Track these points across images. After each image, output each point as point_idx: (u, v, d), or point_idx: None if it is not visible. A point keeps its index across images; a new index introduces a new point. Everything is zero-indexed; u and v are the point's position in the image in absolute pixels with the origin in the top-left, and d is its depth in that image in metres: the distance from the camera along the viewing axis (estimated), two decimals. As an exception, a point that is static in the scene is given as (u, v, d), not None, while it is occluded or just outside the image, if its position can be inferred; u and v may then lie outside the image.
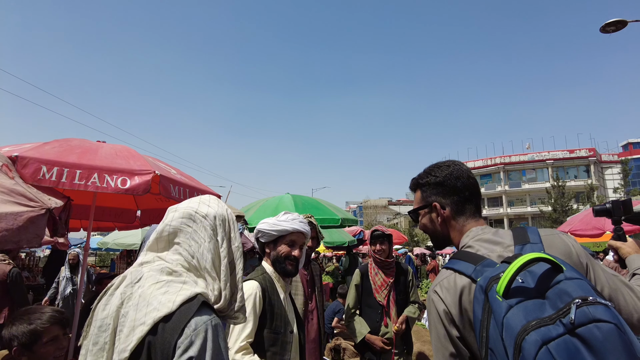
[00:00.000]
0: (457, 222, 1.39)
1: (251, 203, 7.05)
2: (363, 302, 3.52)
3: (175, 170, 3.94)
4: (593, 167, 48.30)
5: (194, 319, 1.07)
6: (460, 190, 1.40)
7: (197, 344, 1.05)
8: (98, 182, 2.97)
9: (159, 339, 1.05)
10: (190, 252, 1.23)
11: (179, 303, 1.09)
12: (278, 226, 2.11)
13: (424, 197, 1.47)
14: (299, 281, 3.19)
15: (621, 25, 9.87)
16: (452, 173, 1.42)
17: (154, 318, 1.06)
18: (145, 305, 1.10)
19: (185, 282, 1.16)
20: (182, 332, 1.05)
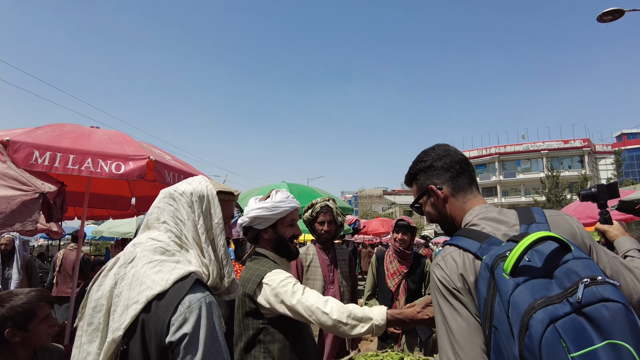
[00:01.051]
0: (457, 200, 1.40)
1: (246, 191, 7.03)
2: (379, 286, 3.66)
3: (169, 156, 3.91)
4: (587, 158, 48.57)
5: (188, 297, 1.07)
6: (449, 166, 1.41)
7: (191, 321, 1.05)
8: (92, 167, 2.93)
9: (153, 316, 1.05)
10: (177, 231, 1.23)
11: (172, 281, 1.09)
12: (278, 209, 1.95)
13: (420, 186, 1.48)
14: (317, 266, 3.17)
15: (618, 15, 9.83)
16: (437, 154, 1.45)
17: (147, 296, 1.06)
18: (138, 285, 1.10)
19: (179, 262, 1.16)
20: (175, 310, 1.05)
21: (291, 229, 2.02)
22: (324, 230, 3.16)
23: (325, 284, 3.12)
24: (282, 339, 1.80)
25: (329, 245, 3.29)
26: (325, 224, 3.16)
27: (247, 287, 1.82)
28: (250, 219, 1.97)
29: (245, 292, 1.83)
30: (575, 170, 46.71)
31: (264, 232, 2.00)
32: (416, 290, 3.58)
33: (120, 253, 1.24)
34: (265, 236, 2.00)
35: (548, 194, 35.55)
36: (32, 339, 1.83)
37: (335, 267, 3.24)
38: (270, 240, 2.00)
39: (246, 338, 1.82)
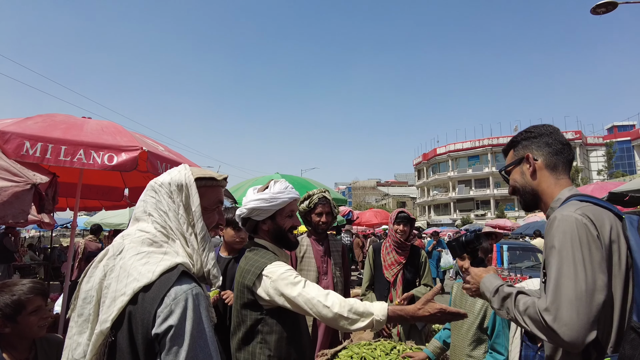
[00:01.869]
0: (550, 174, 1.47)
1: (240, 183, 7.02)
2: (375, 277, 3.72)
3: (162, 147, 3.89)
4: (579, 150, 48.96)
5: (174, 288, 1.07)
6: (552, 144, 1.49)
7: (177, 313, 1.05)
8: (84, 158, 2.91)
9: (139, 308, 1.06)
10: (162, 222, 1.23)
11: (158, 273, 1.09)
12: (277, 200, 1.92)
13: (517, 153, 1.57)
14: (311, 257, 3.18)
15: (611, 7, 9.84)
16: (545, 130, 1.53)
17: (133, 288, 1.06)
18: (125, 276, 1.10)
19: (167, 253, 1.16)
20: (162, 301, 1.05)
21: (290, 220, 2.00)
22: (322, 221, 3.17)
23: (318, 274, 3.14)
24: (279, 330, 1.80)
25: (323, 236, 3.30)
26: (323, 215, 3.17)
27: (247, 278, 1.82)
28: (248, 210, 1.94)
29: (244, 283, 1.83)
30: (567, 162, 47.07)
31: (262, 223, 1.97)
32: (412, 280, 3.63)
33: (110, 245, 1.24)
34: (264, 227, 1.98)
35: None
36: (23, 330, 1.84)
37: (329, 258, 3.26)
38: (269, 231, 1.97)
39: (244, 329, 1.83)
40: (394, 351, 2.62)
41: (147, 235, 1.19)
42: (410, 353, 2.59)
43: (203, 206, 1.30)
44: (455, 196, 55.89)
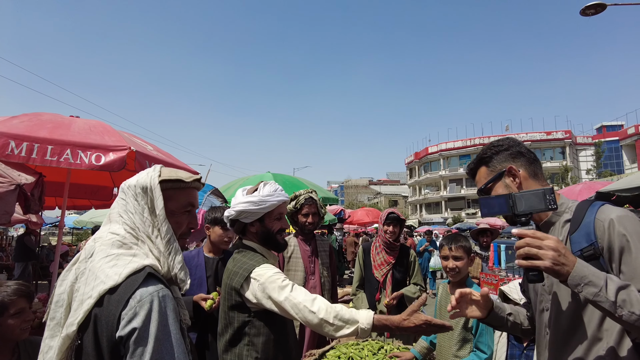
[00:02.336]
0: (535, 182, 1.47)
1: (231, 182, 7.00)
2: (365, 277, 3.74)
3: (151, 147, 3.86)
4: (568, 149, 49.46)
5: (139, 290, 1.06)
6: (525, 153, 1.50)
7: (142, 315, 1.04)
8: (71, 158, 2.88)
9: (104, 311, 1.05)
10: (130, 224, 1.23)
11: (125, 275, 1.08)
12: (265, 203, 1.90)
13: (493, 168, 1.53)
14: (299, 257, 3.19)
15: (600, 9, 9.96)
16: (513, 140, 1.54)
17: (99, 291, 1.06)
18: (93, 279, 1.09)
19: (136, 255, 1.16)
20: (126, 304, 1.04)
21: (279, 222, 1.99)
22: (308, 222, 3.19)
23: (306, 274, 3.15)
24: (267, 332, 1.80)
25: (310, 236, 3.32)
26: (309, 215, 3.19)
27: (235, 280, 1.82)
28: (236, 213, 1.93)
29: (232, 285, 1.83)
30: (556, 161, 47.57)
31: (250, 226, 1.96)
32: (401, 280, 3.66)
33: (83, 248, 1.24)
34: (252, 229, 1.97)
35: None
36: (4, 332, 1.82)
37: (316, 258, 3.27)
38: (258, 233, 1.97)
39: (231, 330, 1.83)
40: (381, 351, 2.63)
41: (117, 237, 1.19)
42: (398, 353, 2.61)
43: (171, 209, 1.28)
44: (446, 195, 56.15)
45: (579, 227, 1.34)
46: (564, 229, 1.41)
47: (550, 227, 1.46)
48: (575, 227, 1.35)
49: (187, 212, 1.34)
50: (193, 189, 1.37)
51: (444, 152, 56.79)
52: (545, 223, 1.48)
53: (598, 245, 1.28)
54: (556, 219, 1.44)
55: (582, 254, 1.29)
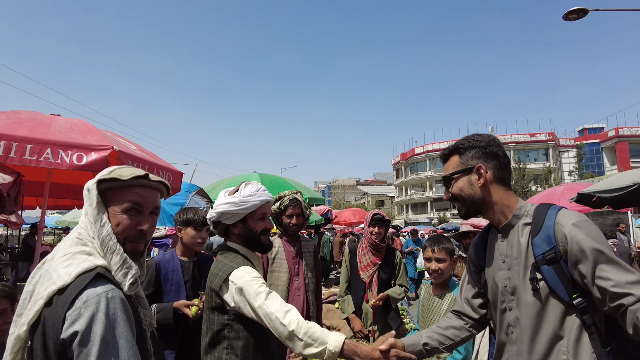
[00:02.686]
0: (499, 187, 1.53)
1: (217, 182, 6.95)
2: (351, 278, 3.76)
3: (135, 146, 3.80)
4: (551, 151, 50.38)
5: (87, 291, 1.03)
6: (500, 156, 1.54)
7: (85, 317, 1.00)
8: (51, 157, 2.81)
9: (52, 312, 1.02)
10: (81, 223, 1.22)
11: (75, 275, 1.05)
12: (247, 203, 1.86)
13: (464, 161, 1.56)
14: (283, 258, 3.18)
15: (582, 14, 10.16)
16: (494, 140, 1.56)
17: (49, 291, 1.04)
18: (48, 279, 1.08)
19: (91, 254, 1.13)
20: (71, 304, 1.01)
21: (262, 222, 1.95)
22: (292, 223, 3.18)
23: (290, 275, 3.14)
24: (246, 336, 1.77)
25: (295, 237, 3.31)
26: (293, 217, 3.18)
27: (214, 282, 1.80)
28: (217, 214, 1.90)
29: (212, 287, 1.81)
30: (540, 163, 48.39)
31: (233, 227, 1.94)
32: (387, 280, 3.68)
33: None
34: (235, 231, 1.94)
35: (514, 186, 36.72)
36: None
37: (301, 259, 3.26)
38: (240, 234, 1.94)
39: (211, 333, 1.81)
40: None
41: (77, 236, 1.18)
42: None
43: (113, 209, 1.23)
44: (432, 195, 56.64)
45: (540, 231, 1.41)
46: (524, 232, 1.47)
47: (510, 230, 1.52)
48: (536, 231, 1.42)
49: (130, 212, 1.26)
50: (139, 187, 1.28)
51: (430, 153, 57.28)
52: (505, 226, 1.54)
53: (559, 249, 1.36)
54: (516, 222, 1.51)
55: (544, 257, 1.38)
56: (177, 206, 5.17)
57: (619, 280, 1.26)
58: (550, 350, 1.37)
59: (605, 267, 1.29)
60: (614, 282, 1.26)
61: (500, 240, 1.56)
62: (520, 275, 1.45)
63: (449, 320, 1.79)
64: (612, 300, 1.26)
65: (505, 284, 1.51)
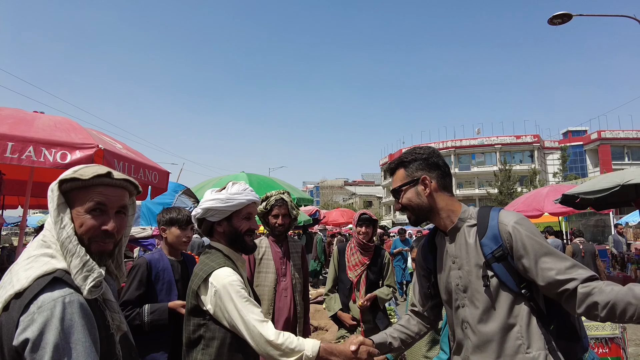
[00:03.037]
0: (443, 194, 1.66)
1: (204, 181, 6.89)
2: (339, 277, 3.77)
3: (121, 145, 3.74)
4: (537, 153, 51.10)
5: (43, 295, 1.00)
6: (441, 166, 1.68)
7: (38, 322, 0.96)
8: (34, 155, 2.75)
9: (7, 317, 0.99)
10: (49, 226, 1.18)
11: (33, 278, 1.02)
12: (233, 201, 1.86)
13: (410, 173, 1.69)
14: (270, 259, 3.17)
15: (567, 19, 10.37)
16: (433, 151, 1.71)
17: (6, 295, 1.00)
18: (8, 282, 1.04)
19: (53, 257, 1.10)
20: (26, 309, 0.98)
21: (247, 222, 1.94)
22: (278, 223, 3.17)
23: (277, 276, 3.14)
24: (221, 336, 1.74)
25: (282, 237, 3.30)
26: (279, 217, 3.17)
27: (194, 282, 1.78)
28: (203, 211, 1.88)
29: (191, 287, 1.79)
30: (525, 165, 49.06)
31: (218, 225, 1.92)
32: (375, 281, 3.69)
33: None
34: (220, 229, 1.92)
35: (500, 187, 37.22)
36: None
37: (288, 260, 3.25)
38: (225, 233, 1.92)
39: (187, 333, 1.79)
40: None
41: (42, 238, 1.14)
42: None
43: (76, 210, 1.19)
44: (420, 196, 56.90)
45: (486, 231, 1.56)
46: (470, 232, 1.61)
47: (457, 233, 1.65)
48: (482, 231, 1.56)
49: (94, 212, 1.21)
50: (102, 186, 1.23)
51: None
52: (452, 229, 1.66)
53: (505, 246, 1.52)
54: (461, 224, 1.64)
55: (494, 255, 1.52)
56: (163, 206, 5.12)
57: (559, 268, 1.43)
58: (505, 337, 1.50)
59: (546, 259, 1.45)
60: (556, 270, 1.43)
61: (449, 243, 1.67)
62: (471, 273, 1.57)
63: (409, 319, 1.93)
64: (557, 287, 1.43)
65: (458, 283, 1.63)
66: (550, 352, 1.48)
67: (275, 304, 3.08)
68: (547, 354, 1.46)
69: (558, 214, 8.93)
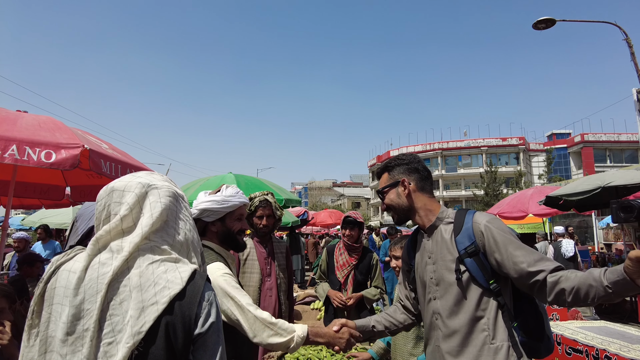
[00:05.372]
0: (422, 195, 1.84)
1: (191, 182, 6.83)
2: (328, 277, 3.87)
3: (107, 145, 3.71)
4: (522, 155, 51.90)
5: (206, 292, 1.15)
6: (420, 170, 1.87)
7: (214, 312, 1.14)
8: (17, 154, 2.70)
9: (178, 315, 1.07)
10: (177, 231, 1.21)
11: (186, 279, 1.11)
12: (228, 202, 2.01)
13: (392, 176, 1.90)
14: (255, 259, 3.20)
15: (550, 24, 10.58)
16: (414, 158, 1.91)
17: (169, 296, 1.07)
18: (152, 285, 1.07)
19: (178, 260, 1.17)
20: (200, 304, 1.11)
21: (239, 222, 2.08)
22: (263, 224, 3.20)
23: (262, 276, 3.17)
24: None
25: (267, 238, 3.33)
26: (264, 218, 3.19)
27: None
28: (199, 211, 2.01)
29: None
30: (511, 167, 49.79)
31: (211, 225, 2.04)
32: (363, 281, 3.76)
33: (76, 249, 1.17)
34: (213, 229, 2.04)
35: (486, 188, 37.67)
36: None
37: (273, 260, 3.29)
38: (218, 233, 2.04)
39: None
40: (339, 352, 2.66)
41: (154, 243, 1.18)
42: (355, 353, 2.65)
43: None
44: (408, 197, 57.25)
45: (461, 230, 1.71)
46: (447, 230, 1.76)
47: (435, 230, 1.81)
48: (458, 230, 1.72)
49: None
50: None
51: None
52: (430, 227, 1.82)
53: (478, 243, 1.67)
54: (439, 223, 1.80)
55: (467, 251, 1.67)
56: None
57: (529, 261, 1.57)
58: (472, 328, 1.64)
59: (516, 253, 1.59)
60: (526, 263, 1.57)
61: (426, 240, 1.84)
62: (445, 267, 1.72)
63: (395, 309, 2.09)
64: (529, 279, 1.56)
65: (432, 276, 1.77)
66: (513, 345, 1.61)
67: (260, 303, 3.11)
68: (509, 345, 1.60)
69: (542, 215, 9.07)
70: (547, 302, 1.58)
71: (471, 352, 1.62)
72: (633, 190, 5.90)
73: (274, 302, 3.16)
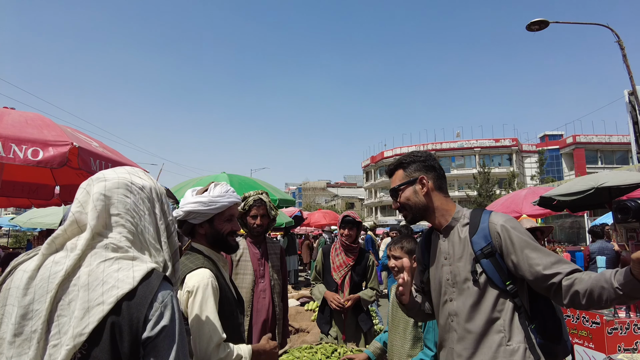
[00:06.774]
0: (439, 194, 1.79)
1: (184, 182, 6.75)
2: (324, 278, 3.81)
3: (97, 143, 3.63)
4: (515, 156, 52.23)
5: (160, 293, 1.07)
6: (437, 168, 1.82)
7: (167, 315, 1.06)
8: (2, 151, 2.62)
9: (125, 316, 1.00)
10: (133, 225, 1.14)
11: (139, 279, 1.04)
12: (215, 204, 1.85)
13: (408, 174, 1.82)
14: (248, 260, 3.13)
15: (544, 25, 10.64)
16: (430, 155, 1.86)
17: (116, 296, 1.00)
18: (100, 284, 1.01)
19: (135, 258, 1.10)
20: (151, 306, 1.04)
21: (229, 224, 1.93)
22: (257, 224, 3.13)
23: (255, 278, 3.10)
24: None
25: (260, 239, 3.27)
26: (258, 217, 3.13)
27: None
28: (184, 213, 1.86)
29: None
30: (504, 168, 50.08)
31: (199, 227, 1.91)
32: (359, 282, 3.72)
33: (36, 249, 1.11)
34: (201, 231, 1.91)
35: (479, 189, 37.86)
36: None
37: (266, 261, 3.22)
38: (206, 235, 1.91)
39: None
40: (334, 354, 2.62)
41: (110, 241, 1.11)
42: (351, 355, 2.61)
43: None
44: (401, 198, 57.43)
45: (477, 230, 1.68)
46: (463, 230, 1.73)
47: (451, 231, 1.77)
48: (474, 230, 1.69)
49: None
50: None
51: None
52: (446, 228, 1.78)
53: (494, 244, 1.64)
54: (455, 223, 1.76)
55: (483, 252, 1.64)
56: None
57: (546, 263, 1.54)
58: (488, 330, 1.61)
59: (533, 255, 1.57)
60: (542, 266, 1.54)
61: (442, 240, 1.79)
62: (461, 268, 1.69)
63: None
64: (545, 281, 1.54)
65: (448, 278, 1.74)
66: (530, 347, 1.58)
67: (254, 305, 3.04)
68: (526, 347, 1.58)
69: (536, 215, 9.10)
70: (563, 305, 1.55)
71: (486, 354, 1.60)
72: (626, 190, 5.91)
73: (268, 304, 3.09)
